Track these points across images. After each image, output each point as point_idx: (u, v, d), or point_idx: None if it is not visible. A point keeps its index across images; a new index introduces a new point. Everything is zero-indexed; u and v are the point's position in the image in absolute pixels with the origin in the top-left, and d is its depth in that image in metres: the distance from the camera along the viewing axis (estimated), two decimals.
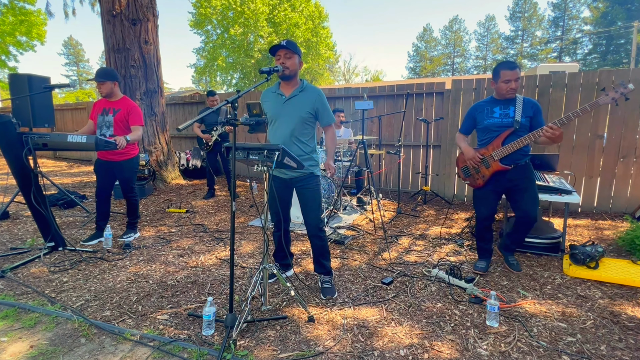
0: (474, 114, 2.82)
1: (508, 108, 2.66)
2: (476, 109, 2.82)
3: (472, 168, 2.84)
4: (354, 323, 2.17)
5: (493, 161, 2.70)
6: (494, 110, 2.72)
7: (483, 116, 2.76)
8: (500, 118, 2.68)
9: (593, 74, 4.56)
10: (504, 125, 2.65)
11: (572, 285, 2.65)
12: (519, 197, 2.72)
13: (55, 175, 7.92)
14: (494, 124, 2.69)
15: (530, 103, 2.63)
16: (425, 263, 3.09)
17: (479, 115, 2.78)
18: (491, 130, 2.71)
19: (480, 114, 2.78)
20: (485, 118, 2.74)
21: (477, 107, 2.81)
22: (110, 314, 2.28)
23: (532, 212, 2.68)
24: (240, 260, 3.17)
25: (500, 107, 2.69)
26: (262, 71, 2.11)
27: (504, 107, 2.68)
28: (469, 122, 2.89)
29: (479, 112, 2.79)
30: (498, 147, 2.67)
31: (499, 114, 2.69)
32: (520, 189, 2.70)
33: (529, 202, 2.68)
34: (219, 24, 23.43)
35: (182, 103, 8.51)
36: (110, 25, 5.83)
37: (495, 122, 2.68)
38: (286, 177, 2.47)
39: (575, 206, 4.75)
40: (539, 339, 2.01)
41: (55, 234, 3.24)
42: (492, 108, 2.73)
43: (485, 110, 2.76)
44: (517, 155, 2.65)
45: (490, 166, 2.72)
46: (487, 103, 2.77)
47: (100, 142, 2.93)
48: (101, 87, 3.34)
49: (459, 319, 2.22)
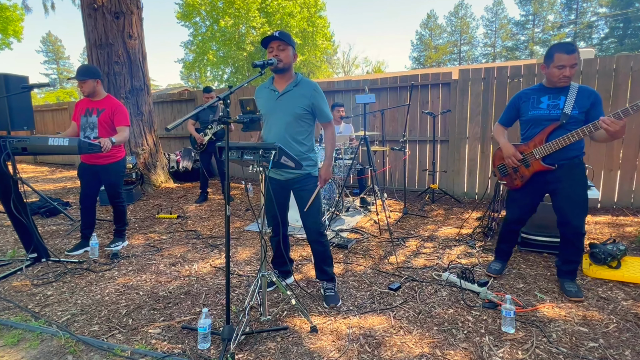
0: (518, 103, 2.61)
1: (558, 98, 2.43)
2: (521, 98, 2.61)
3: (511, 167, 2.67)
4: (360, 332, 2.17)
5: (534, 160, 2.52)
6: (541, 100, 2.49)
7: (528, 106, 2.54)
8: (547, 110, 2.45)
9: (610, 59, 4.56)
10: (551, 118, 2.43)
11: (592, 287, 2.65)
12: (560, 202, 2.51)
13: (37, 181, 7.93)
14: (540, 116, 2.48)
15: (586, 92, 2.39)
16: (434, 266, 3.09)
17: (524, 104, 2.57)
18: (536, 124, 2.51)
19: (525, 103, 2.57)
20: (530, 108, 2.53)
21: (522, 95, 2.60)
22: (99, 328, 2.28)
23: (576, 222, 2.45)
24: (236, 268, 3.17)
25: (550, 96, 2.47)
26: (256, 65, 2.11)
27: (553, 97, 2.45)
28: (511, 112, 2.68)
29: (524, 100, 2.58)
30: (541, 143, 2.47)
31: (547, 104, 2.46)
32: (564, 192, 2.48)
33: (571, 208, 2.46)
34: (208, 15, 23.41)
35: (171, 101, 8.52)
36: (91, 19, 5.83)
37: (542, 115, 2.47)
38: (282, 179, 2.47)
39: (594, 202, 4.75)
40: (559, 345, 2.01)
41: (38, 244, 3.24)
42: (539, 97, 2.51)
43: (531, 99, 2.54)
44: (564, 154, 2.44)
45: (531, 165, 2.54)
46: (534, 91, 2.55)
47: (83, 145, 2.93)
48: (83, 85, 3.34)
49: (472, 325, 2.22)
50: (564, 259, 2.61)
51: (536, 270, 2.95)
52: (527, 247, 3.33)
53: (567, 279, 2.61)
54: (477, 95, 5.27)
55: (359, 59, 48.19)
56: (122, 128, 3.39)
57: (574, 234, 2.49)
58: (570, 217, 2.46)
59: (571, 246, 2.54)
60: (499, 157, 2.77)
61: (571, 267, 2.59)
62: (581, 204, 2.46)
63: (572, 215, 2.46)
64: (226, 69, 26.14)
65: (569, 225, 2.48)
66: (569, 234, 2.51)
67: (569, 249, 2.57)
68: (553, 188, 2.53)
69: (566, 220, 2.48)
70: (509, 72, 5.04)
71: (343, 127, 5.39)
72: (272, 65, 2.27)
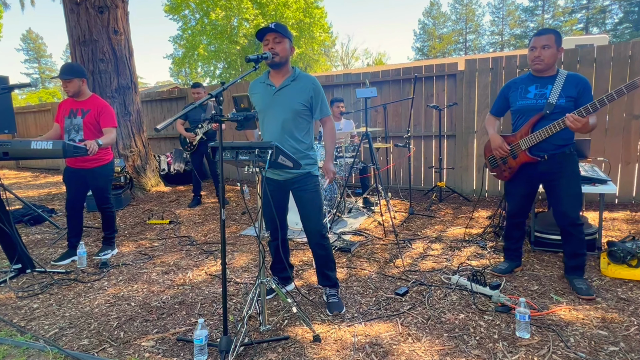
0: (507, 92, 2.71)
1: (545, 87, 2.51)
2: (510, 87, 2.70)
3: (499, 158, 2.78)
4: (366, 341, 2.17)
5: (520, 151, 2.62)
6: (528, 90, 2.58)
7: (516, 96, 2.62)
8: (534, 99, 2.53)
9: (625, 45, 4.56)
10: (538, 107, 2.52)
11: (611, 287, 2.65)
12: (554, 195, 2.61)
13: (20, 187, 7.93)
14: (527, 106, 2.56)
15: (574, 80, 2.46)
16: (443, 269, 3.09)
17: (513, 94, 2.66)
18: (523, 114, 2.59)
19: (513, 93, 2.65)
20: (518, 98, 2.61)
21: (511, 85, 2.69)
22: (89, 342, 2.28)
23: (571, 213, 2.55)
24: (233, 275, 3.17)
25: (537, 85, 2.54)
26: (249, 59, 2.10)
27: (540, 86, 2.53)
28: (500, 102, 2.79)
29: (513, 90, 2.66)
30: (527, 134, 2.56)
31: (534, 93, 2.54)
32: (556, 185, 2.58)
33: (565, 201, 2.55)
34: (198, 8, 23.43)
35: (160, 99, 8.53)
36: (74, 14, 5.83)
37: (528, 104, 2.55)
38: (281, 179, 2.47)
39: (612, 197, 4.76)
40: (577, 349, 2.01)
41: (22, 254, 3.24)
42: (527, 86, 2.59)
43: (519, 88, 2.63)
44: (551, 145, 2.52)
45: (518, 157, 2.65)
46: (523, 80, 2.65)
47: (68, 148, 2.93)
48: (68, 85, 3.33)
49: (484, 331, 2.22)
50: (569, 253, 2.69)
51: (551, 270, 2.95)
52: (541, 247, 3.34)
53: (576, 275, 2.67)
54: (485, 87, 5.27)
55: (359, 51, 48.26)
56: (109, 129, 3.39)
57: (570, 225, 2.59)
58: (566, 209, 2.57)
59: (572, 238, 2.63)
60: (489, 149, 2.87)
61: (578, 262, 2.66)
62: (575, 196, 2.57)
63: (567, 207, 2.56)
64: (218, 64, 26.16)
65: (566, 217, 2.58)
66: (567, 225, 2.61)
67: (571, 242, 2.65)
68: (545, 180, 2.64)
69: (563, 213, 2.59)
70: (518, 61, 5.04)
71: (343, 123, 5.39)
72: (268, 60, 2.27)
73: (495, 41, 41.94)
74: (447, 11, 44.05)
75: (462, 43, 43.69)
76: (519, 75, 2.79)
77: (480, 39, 43.16)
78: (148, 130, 7.16)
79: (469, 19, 42.79)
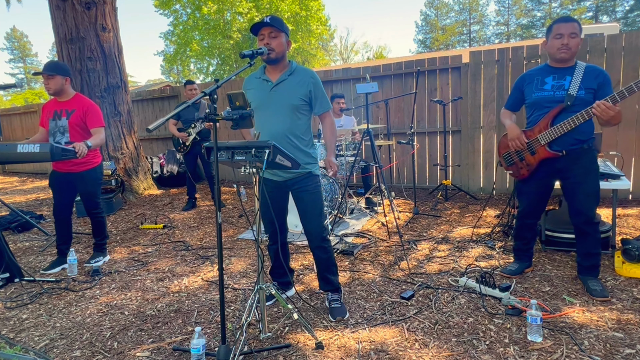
0: (522, 85, 2.70)
1: (564, 78, 2.49)
2: (524, 79, 2.69)
3: (515, 154, 2.75)
4: (371, 347, 2.17)
5: (539, 146, 2.59)
6: (545, 81, 2.56)
7: (532, 88, 2.61)
8: (552, 91, 2.51)
9: (637, 34, 4.56)
10: (556, 99, 2.49)
11: (626, 287, 2.65)
12: (571, 191, 2.59)
13: (6, 193, 7.93)
14: (544, 98, 2.54)
15: (594, 72, 2.44)
16: (450, 271, 3.09)
17: (528, 86, 2.64)
18: (540, 107, 2.57)
19: (529, 85, 2.64)
20: (534, 90, 2.60)
21: (526, 77, 2.68)
22: (81, 353, 2.28)
23: (588, 211, 2.54)
24: (231, 281, 3.17)
25: (555, 76, 2.53)
26: (244, 55, 2.10)
27: (558, 77, 2.51)
28: (515, 95, 2.77)
29: (528, 82, 2.65)
30: (546, 128, 2.53)
31: (551, 85, 2.52)
32: (574, 182, 2.56)
33: (582, 198, 2.54)
34: (189, 2, 23.43)
35: (151, 98, 8.53)
36: (60, 11, 5.84)
37: (546, 96, 2.53)
38: (280, 179, 2.47)
39: (625, 193, 4.76)
40: (592, 353, 2.01)
41: (10, 262, 3.24)
42: (543, 78, 2.57)
43: (535, 80, 2.61)
44: (571, 139, 2.49)
45: (536, 153, 2.61)
46: (538, 71, 2.63)
47: (56, 151, 2.92)
48: (50, 82, 3.32)
49: (495, 335, 2.22)
50: (583, 253, 2.68)
51: (563, 271, 2.96)
52: (553, 246, 3.34)
53: (590, 276, 2.66)
54: (491, 80, 5.28)
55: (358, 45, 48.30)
56: (98, 130, 3.38)
57: (586, 223, 2.58)
58: (582, 207, 2.56)
59: (587, 237, 2.62)
60: (504, 145, 2.85)
61: (592, 262, 2.66)
62: (593, 194, 2.55)
63: (584, 206, 2.55)
64: (212, 60, 26.15)
65: (581, 215, 2.57)
66: (582, 224, 2.60)
67: (585, 241, 2.64)
68: (562, 177, 2.62)
69: (578, 210, 2.58)
70: (525, 52, 5.05)
71: (344, 120, 5.39)
72: (263, 55, 2.27)
73: (501, 32, 41.95)
74: (450, 1, 44.02)
75: (466, 34, 43.68)
76: (533, 67, 2.77)
77: (485, 30, 43.15)
78: (139, 131, 7.17)
79: (473, 9, 42.77)
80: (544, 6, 38.55)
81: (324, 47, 35.84)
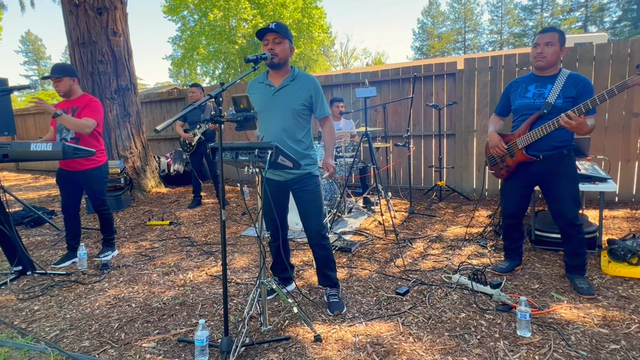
0: (509, 91, 2.75)
1: (545, 86, 2.53)
2: (511, 86, 2.74)
3: (497, 157, 2.81)
4: (367, 341, 2.17)
5: (517, 150, 2.65)
6: (528, 89, 2.61)
7: (516, 95, 2.67)
8: (532, 98, 2.56)
9: (624, 43, 4.56)
10: (535, 107, 2.54)
11: (612, 285, 2.65)
12: (550, 195, 2.62)
13: (19, 189, 7.92)
14: (525, 106, 2.59)
15: (575, 80, 2.46)
16: (444, 268, 3.09)
17: (513, 94, 2.70)
18: (522, 113, 2.62)
19: (514, 92, 2.70)
20: (517, 97, 2.65)
21: (513, 84, 2.74)
22: (90, 344, 2.28)
23: (568, 214, 2.56)
24: (234, 275, 3.17)
25: (537, 84, 2.58)
26: (248, 60, 2.10)
27: (540, 85, 2.56)
28: (503, 101, 2.83)
29: (514, 89, 2.71)
30: (524, 133, 2.59)
31: (533, 93, 2.57)
32: (552, 185, 2.59)
33: (562, 202, 2.56)
34: (196, 9, 23.41)
35: (159, 100, 8.52)
36: (73, 16, 5.83)
37: (527, 104, 2.59)
38: (281, 179, 2.47)
39: (612, 195, 4.76)
40: (578, 348, 2.01)
41: (23, 256, 3.24)
42: (527, 86, 2.63)
43: (520, 87, 2.66)
44: (547, 145, 2.53)
45: (515, 155, 2.67)
46: (525, 79, 2.68)
47: (68, 150, 2.92)
48: (58, 84, 3.33)
49: (485, 330, 2.22)
50: (570, 252, 2.69)
51: (552, 269, 2.95)
52: (542, 246, 3.34)
53: (577, 274, 2.68)
54: (485, 86, 5.28)
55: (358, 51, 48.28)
56: (87, 119, 3.30)
57: (568, 225, 2.60)
58: (562, 210, 2.58)
59: (571, 238, 2.63)
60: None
61: (579, 261, 2.67)
62: (572, 197, 2.56)
63: (563, 208, 2.57)
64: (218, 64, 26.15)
65: (562, 217, 2.60)
66: (565, 226, 2.62)
67: (570, 241, 2.65)
68: (542, 180, 2.65)
69: (559, 213, 2.60)
70: (517, 60, 5.04)
71: (343, 123, 5.39)
72: (267, 60, 2.27)
73: (494, 40, 41.94)
74: (446, 10, 44.05)
75: (461, 42, 43.68)
76: (522, 75, 2.79)
77: (479, 38, 43.16)
78: (147, 131, 7.16)
79: (468, 18, 42.77)
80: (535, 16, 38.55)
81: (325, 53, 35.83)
